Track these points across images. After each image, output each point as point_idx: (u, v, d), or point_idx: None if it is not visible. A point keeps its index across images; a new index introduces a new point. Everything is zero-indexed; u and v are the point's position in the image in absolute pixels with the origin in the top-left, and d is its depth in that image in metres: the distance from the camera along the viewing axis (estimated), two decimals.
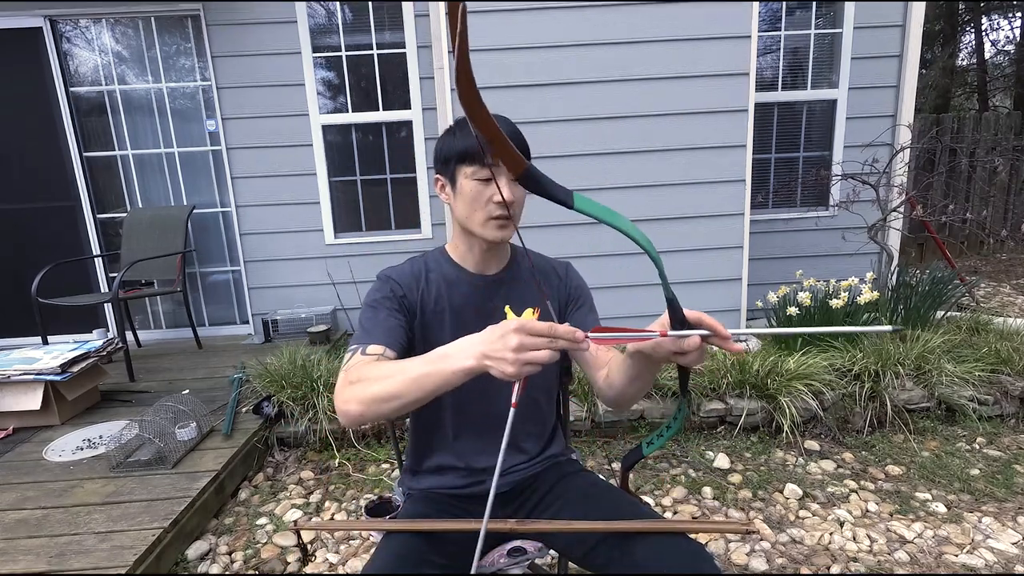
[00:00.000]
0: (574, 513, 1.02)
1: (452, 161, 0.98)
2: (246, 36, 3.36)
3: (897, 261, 3.28)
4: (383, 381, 0.81)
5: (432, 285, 1.06)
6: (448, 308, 1.06)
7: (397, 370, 0.81)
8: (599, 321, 1.10)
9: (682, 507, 1.98)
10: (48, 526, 1.68)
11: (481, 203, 0.97)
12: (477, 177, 0.96)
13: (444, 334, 1.05)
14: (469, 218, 0.99)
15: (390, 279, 1.05)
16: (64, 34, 3.45)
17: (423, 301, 1.05)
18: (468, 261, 1.08)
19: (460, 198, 0.99)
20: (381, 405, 0.80)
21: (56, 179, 3.58)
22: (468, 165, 0.96)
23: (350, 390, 0.84)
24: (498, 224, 0.98)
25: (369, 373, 0.85)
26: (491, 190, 0.96)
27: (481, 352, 0.72)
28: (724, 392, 2.45)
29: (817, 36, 3.52)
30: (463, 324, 1.05)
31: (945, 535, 1.77)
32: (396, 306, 1.02)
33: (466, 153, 0.96)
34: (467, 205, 0.98)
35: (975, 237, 5.82)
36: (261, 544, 1.85)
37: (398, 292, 1.04)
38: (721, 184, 2.92)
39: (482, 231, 0.99)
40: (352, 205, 3.68)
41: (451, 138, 0.99)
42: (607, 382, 0.96)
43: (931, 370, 2.45)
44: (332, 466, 2.31)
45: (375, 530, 1.07)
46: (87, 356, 2.46)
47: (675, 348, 0.73)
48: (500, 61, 2.80)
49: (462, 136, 0.97)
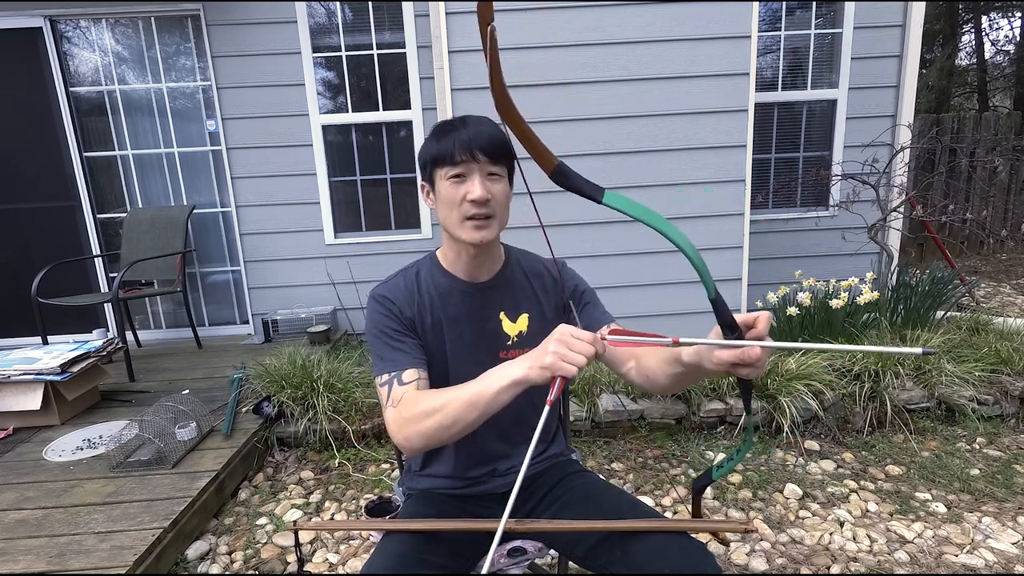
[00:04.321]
0: (574, 513, 1.02)
1: (429, 165, 0.97)
2: (246, 36, 3.36)
3: (897, 261, 3.28)
4: (438, 413, 0.85)
5: (426, 297, 1.05)
6: (443, 319, 1.05)
7: (449, 398, 0.85)
8: (606, 314, 1.10)
9: (682, 507, 1.98)
10: (48, 526, 1.68)
11: (456, 203, 0.94)
12: (451, 176, 0.94)
13: (443, 345, 1.05)
14: (448, 220, 0.97)
15: (387, 300, 1.03)
16: (64, 34, 3.45)
17: (420, 316, 1.04)
18: (458, 268, 1.06)
19: (441, 201, 0.97)
20: (443, 433, 0.86)
21: (56, 179, 3.58)
22: (442, 166, 0.94)
23: (409, 427, 0.89)
24: (474, 224, 0.95)
25: (421, 406, 0.88)
26: (465, 188, 0.93)
27: (535, 358, 0.79)
28: (724, 392, 2.45)
29: (817, 36, 3.52)
30: (460, 334, 1.05)
31: (945, 535, 1.77)
32: (402, 327, 1.02)
33: (439, 155, 0.94)
34: (445, 207, 0.96)
35: (975, 237, 5.82)
36: (261, 544, 1.85)
37: (396, 312, 1.02)
38: (721, 184, 2.92)
39: (460, 233, 0.96)
40: (352, 205, 3.68)
41: (429, 143, 0.97)
42: (642, 376, 0.95)
43: (931, 370, 2.45)
44: (332, 466, 2.31)
45: (375, 530, 1.07)
46: (87, 356, 2.46)
47: (733, 358, 0.68)
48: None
49: (437, 139, 0.95)
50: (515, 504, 1.11)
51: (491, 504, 1.12)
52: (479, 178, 0.93)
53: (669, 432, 2.44)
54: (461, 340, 1.05)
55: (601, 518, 0.97)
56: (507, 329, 1.07)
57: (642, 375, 0.94)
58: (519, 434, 1.13)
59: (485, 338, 1.06)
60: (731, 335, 0.67)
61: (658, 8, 2.76)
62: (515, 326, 1.07)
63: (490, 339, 1.06)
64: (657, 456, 2.31)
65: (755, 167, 3.43)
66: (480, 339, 1.06)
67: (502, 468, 1.12)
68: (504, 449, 1.12)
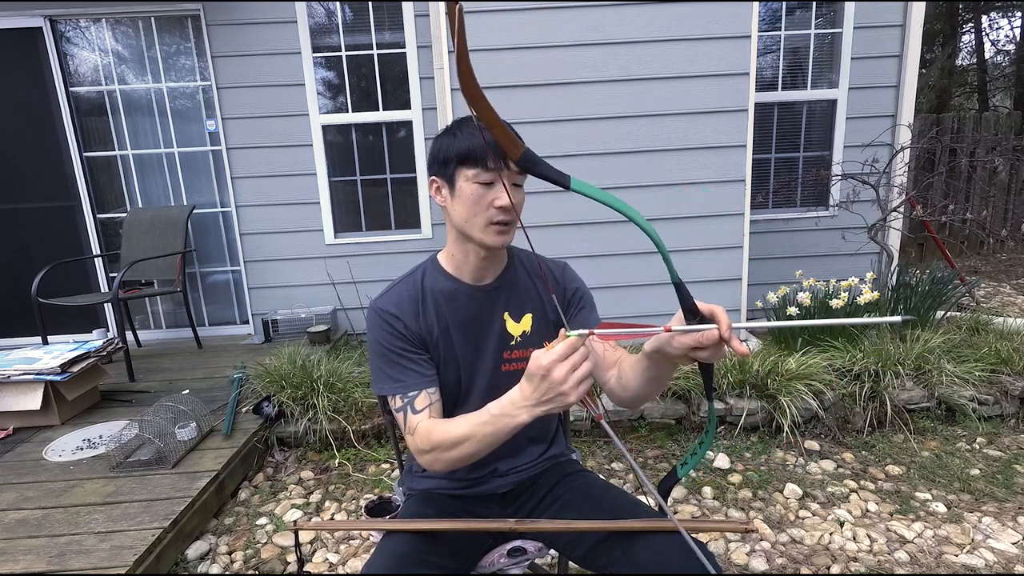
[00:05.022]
0: (575, 513, 1.02)
1: (452, 163, 0.94)
2: (246, 36, 3.36)
3: (897, 261, 3.28)
4: (456, 448, 0.87)
5: (431, 305, 1.03)
6: (451, 325, 1.03)
7: (466, 434, 0.86)
8: (600, 320, 1.09)
9: (682, 507, 1.98)
10: (48, 526, 1.68)
11: (483, 207, 0.93)
12: (479, 180, 0.92)
13: (454, 352, 1.04)
14: (469, 222, 0.95)
15: (391, 315, 1.00)
16: (64, 34, 3.45)
17: (428, 327, 1.02)
18: (464, 271, 1.04)
19: (459, 201, 0.94)
20: (463, 462, 0.89)
21: (56, 179, 3.58)
22: (470, 167, 0.92)
23: (424, 457, 0.92)
24: (498, 230, 0.95)
25: (435, 440, 0.90)
26: (493, 194, 0.92)
27: (533, 404, 0.77)
28: (724, 392, 2.44)
29: (817, 36, 3.52)
30: (468, 338, 1.05)
31: (945, 535, 1.77)
32: (408, 344, 1.00)
33: (468, 154, 0.91)
34: (467, 208, 0.94)
35: (975, 237, 5.82)
36: (261, 544, 1.85)
37: (402, 328, 1.00)
38: (721, 184, 2.92)
39: (482, 236, 0.95)
40: (352, 205, 3.68)
41: (450, 138, 0.94)
42: (620, 384, 0.95)
43: (931, 370, 2.45)
44: (332, 466, 2.31)
45: (375, 530, 1.07)
46: (87, 356, 2.46)
47: (692, 342, 0.71)
48: (497, 61, 2.80)
49: (463, 136, 0.93)
50: (516, 505, 1.12)
51: (492, 504, 1.12)
52: (510, 185, 0.92)
53: (669, 432, 2.44)
54: (470, 344, 1.05)
55: (601, 518, 0.97)
56: (511, 329, 1.06)
57: (620, 384, 0.95)
58: (521, 435, 1.12)
59: (492, 340, 1.06)
60: (693, 319, 0.71)
61: (657, 8, 2.76)
62: (519, 326, 1.07)
63: (496, 340, 1.06)
64: (657, 456, 2.31)
65: (755, 167, 3.43)
66: (488, 341, 1.06)
67: (503, 468, 1.12)
68: (505, 450, 1.12)
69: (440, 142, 0.97)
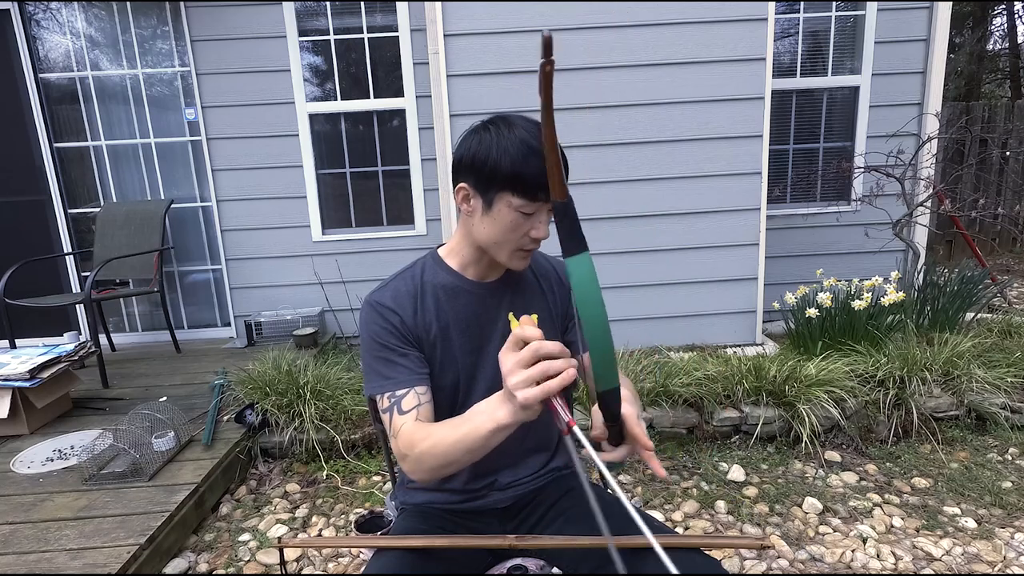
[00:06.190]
0: (579, 528, 1.02)
1: (497, 182, 0.91)
2: (227, 18, 3.36)
3: (924, 259, 3.28)
4: (436, 455, 0.87)
5: (431, 301, 1.04)
6: (451, 324, 1.04)
7: (444, 434, 0.86)
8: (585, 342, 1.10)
9: (694, 522, 1.98)
10: (16, 543, 1.68)
11: (517, 235, 0.95)
12: (522, 210, 0.92)
13: (453, 352, 1.04)
14: (497, 244, 0.97)
15: (387, 309, 1.01)
16: (33, 17, 3.45)
17: (426, 324, 1.03)
18: (470, 270, 1.05)
19: (493, 222, 0.94)
20: (444, 470, 0.89)
21: (24, 172, 3.58)
22: (518, 196, 0.90)
23: (406, 463, 0.92)
24: (523, 255, 0.99)
25: (416, 445, 0.90)
26: (530, 224, 0.94)
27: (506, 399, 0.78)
28: (739, 399, 2.45)
29: (838, 19, 3.52)
30: (470, 339, 1.05)
31: (975, 552, 1.77)
32: (403, 341, 1.00)
33: (519, 181, 0.89)
34: (500, 232, 0.95)
35: (1007, 234, 5.83)
36: (244, 562, 1.85)
37: (398, 323, 1.01)
38: (736, 177, 2.92)
39: (507, 260, 0.99)
40: (341, 199, 3.68)
41: (500, 152, 0.89)
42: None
43: (960, 376, 2.45)
44: (320, 478, 2.31)
45: (365, 547, 1.07)
46: (58, 361, 2.46)
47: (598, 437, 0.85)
48: (499, 45, 2.81)
49: (517, 156, 0.88)
50: (517, 520, 1.12)
51: (490, 520, 1.12)
52: (547, 218, 0.95)
53: (680, 442, 2.44)
54: (471, 345, 1.05)
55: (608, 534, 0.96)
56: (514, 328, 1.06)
57: None
58: (521, 446, 1.13)
59: (495, 341, 1.06)
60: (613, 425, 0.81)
61: None
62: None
63: (500, 342, 1.06)
64: (667, 468, 2.31)
65: (772, 159, 3.44)
66: (490, 343, 1.06)
67: (503, 481, 1.12)
68: (505, 461, 1.12)
69: (484, 148, 0.92)
